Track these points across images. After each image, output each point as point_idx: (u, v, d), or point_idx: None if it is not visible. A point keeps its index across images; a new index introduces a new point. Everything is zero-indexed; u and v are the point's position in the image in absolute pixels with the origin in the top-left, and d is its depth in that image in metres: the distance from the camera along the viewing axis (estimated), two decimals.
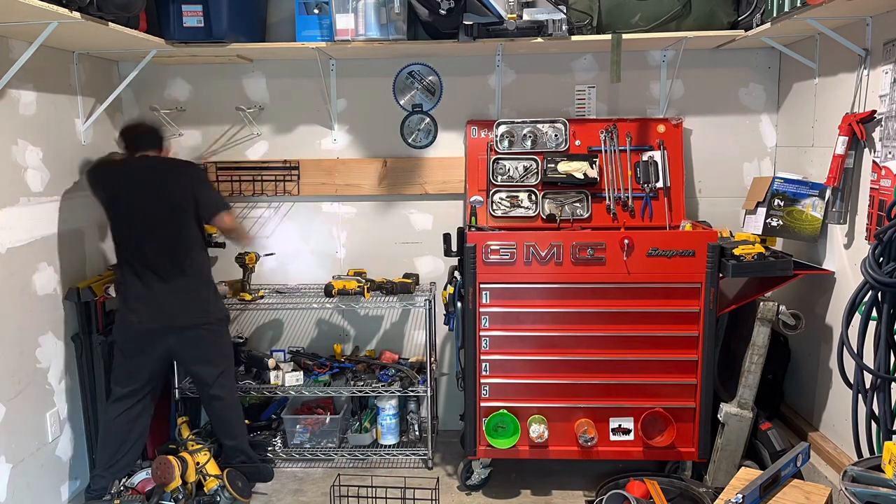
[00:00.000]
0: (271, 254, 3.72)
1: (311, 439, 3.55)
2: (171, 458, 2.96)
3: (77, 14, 2.50)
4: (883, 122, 2.55)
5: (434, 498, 3.00)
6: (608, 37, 3.12)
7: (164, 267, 2.97)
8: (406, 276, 3.62)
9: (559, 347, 3.06)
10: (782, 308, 2.89)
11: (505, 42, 3.20)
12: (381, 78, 3.67)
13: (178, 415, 3.51)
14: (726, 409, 2.98)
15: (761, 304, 2.91)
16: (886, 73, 2.53)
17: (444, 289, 3.23)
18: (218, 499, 3.02)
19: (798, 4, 2.56)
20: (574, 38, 3.18)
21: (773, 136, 3.60)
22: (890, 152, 2.49)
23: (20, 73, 2.74)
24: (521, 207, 3.51)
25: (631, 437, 3.10)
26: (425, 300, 3.45)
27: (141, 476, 3.14)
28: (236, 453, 3.23)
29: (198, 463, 3.05)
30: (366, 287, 3.46)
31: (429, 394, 3.48)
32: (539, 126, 3.52)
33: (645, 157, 3.48)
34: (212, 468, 3.08)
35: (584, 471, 3.32)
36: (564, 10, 3.14)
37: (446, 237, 3.20)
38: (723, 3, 3.17)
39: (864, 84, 2.71)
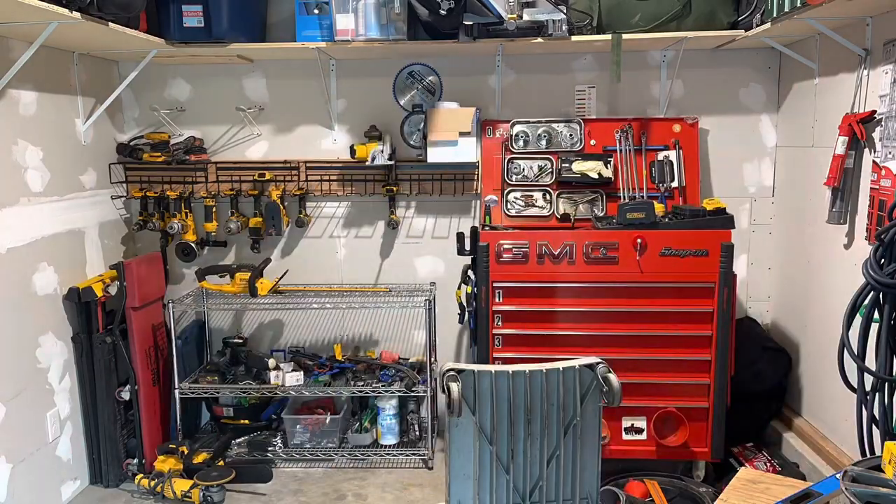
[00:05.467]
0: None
1: (311, 439, 3.54)
2: None
3: (77, 14, 2.51)
4: (883, 122, 2.55)
5: None
6: (608, 37, 3.12)
7: None
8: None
9: (571, 346, 3.06)
10: None
11: (505, 42, 3.19)
12: (381, 78, 3.67)
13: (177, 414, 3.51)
14: None
15: None
16: (886, 73, 2.53)
17: (458, 288, 3.24)
18: None
19: (798, 4, 2.56)
20: (574, 38, 3.18)
21: (773, 136, 3.60)
22: (890, 152, 2.49)
23: (20, 73, 2.75)
24: (536, 207, 3.51)
25: (643, 436, 3.09)
26: (425, 300, 3.45)
27: None
28: None
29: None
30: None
31: (429, 394, 3.48)
32: (554, 126, 3.52)
33: (660, 157, 3.46)
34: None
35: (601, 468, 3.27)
36: (564, 10, 3.14)
37: (459, 236, 3.21)
38: (723, 3, 3.17)
39: (864, 84, 2.70)
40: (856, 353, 2.33)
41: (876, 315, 2.32)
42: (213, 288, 3.54)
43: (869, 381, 2.36)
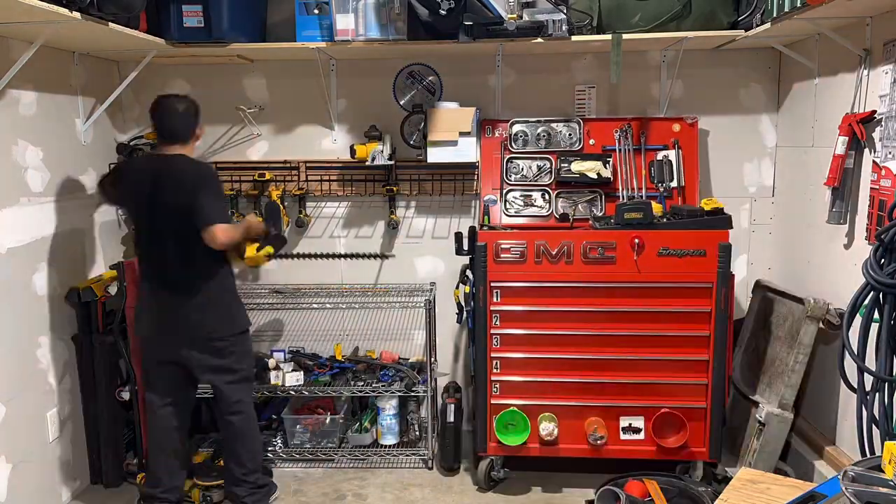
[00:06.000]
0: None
1: (311, 439, 3.54)
2: None
3: (77, 14, 2.50)
4: (883, 122, 2.55)
5: None
6: (608, 37, 3.12)
7: (176, 280, 2.78)
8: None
9: (569, 346, 3.06)
10: (831, 307, 2.86)
11: (505, 42, 3.19)
12: (381, 78, 3.67)
13: None
14: (767, 409, 2.95)
15: (811, 301, 2.87)
16: (886, 73, 2.53)
17: (456, 287, 3.24)
18: None
19: (798, 4, 2.56)
20: (574, 38, 3.18)
21: (773, 137, 3.60)
22: (890, 152, 2.49)
23: (20, 73, 2.74)
24: (535, 206, 3.51)
25: (641, 436, 3.09)
26: (425, 300, 3.45)
27: None
28: (243, 481, 2.95)
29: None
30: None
31: (429, 394, 3.48)
32: (553, 125, 3.52)
33: (659, 157, 3.46)
34: None
35: (600, 468, 3.23)
36: (564, 11, 3.14)
37: (458, 236, 3.21)
38: (723, 3, 3.17)
39: (864, 84, 2.70)
40: (856, 353, 2.33)
41: (876, 315, 2.32)
42: None
43: (869, 381, 2.36)
